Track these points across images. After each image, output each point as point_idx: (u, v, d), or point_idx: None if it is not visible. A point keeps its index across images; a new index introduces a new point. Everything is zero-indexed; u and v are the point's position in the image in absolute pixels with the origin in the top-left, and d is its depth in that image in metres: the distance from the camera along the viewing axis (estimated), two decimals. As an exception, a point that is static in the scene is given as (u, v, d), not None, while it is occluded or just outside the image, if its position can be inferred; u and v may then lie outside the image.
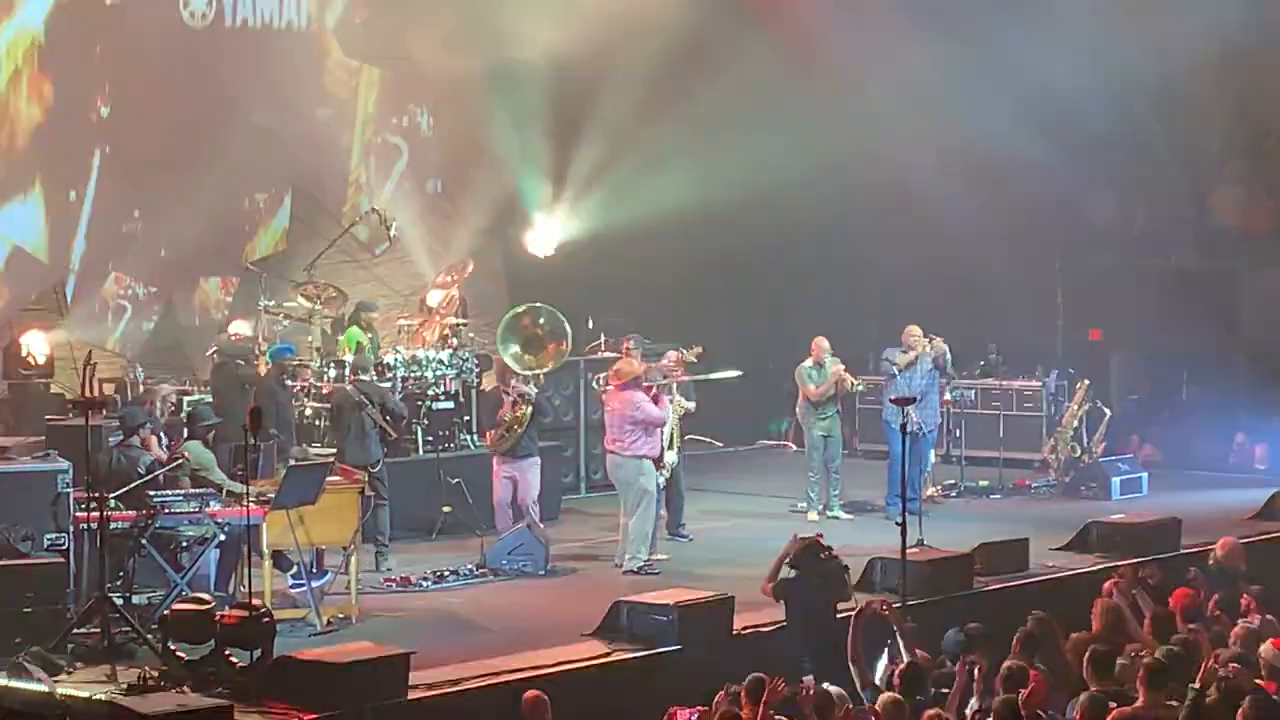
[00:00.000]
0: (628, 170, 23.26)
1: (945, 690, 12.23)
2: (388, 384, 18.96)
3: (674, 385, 18.22)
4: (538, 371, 18.59)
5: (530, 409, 18.02)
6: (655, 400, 17.60)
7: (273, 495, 14.58)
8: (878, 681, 12.87)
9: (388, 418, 17.87)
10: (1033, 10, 24.08)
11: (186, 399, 19.10)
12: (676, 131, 23.27)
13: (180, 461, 14.96)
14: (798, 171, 23.38)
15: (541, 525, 17.89)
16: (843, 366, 20.22)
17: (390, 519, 17.61)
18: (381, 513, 17.51)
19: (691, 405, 18.95)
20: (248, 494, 14.08)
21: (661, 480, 17.80)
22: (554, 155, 23.86)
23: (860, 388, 20.95)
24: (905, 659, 12.68)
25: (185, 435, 16.06)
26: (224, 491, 14.84)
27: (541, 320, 18.95)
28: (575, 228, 24.05)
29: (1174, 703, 11.52)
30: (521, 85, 23.72)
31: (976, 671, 12.15)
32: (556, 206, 24.06)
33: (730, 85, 23.42)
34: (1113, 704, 11.38)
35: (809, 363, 20.20)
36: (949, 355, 20.45)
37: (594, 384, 19.72)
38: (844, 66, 23.61)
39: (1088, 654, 12.31)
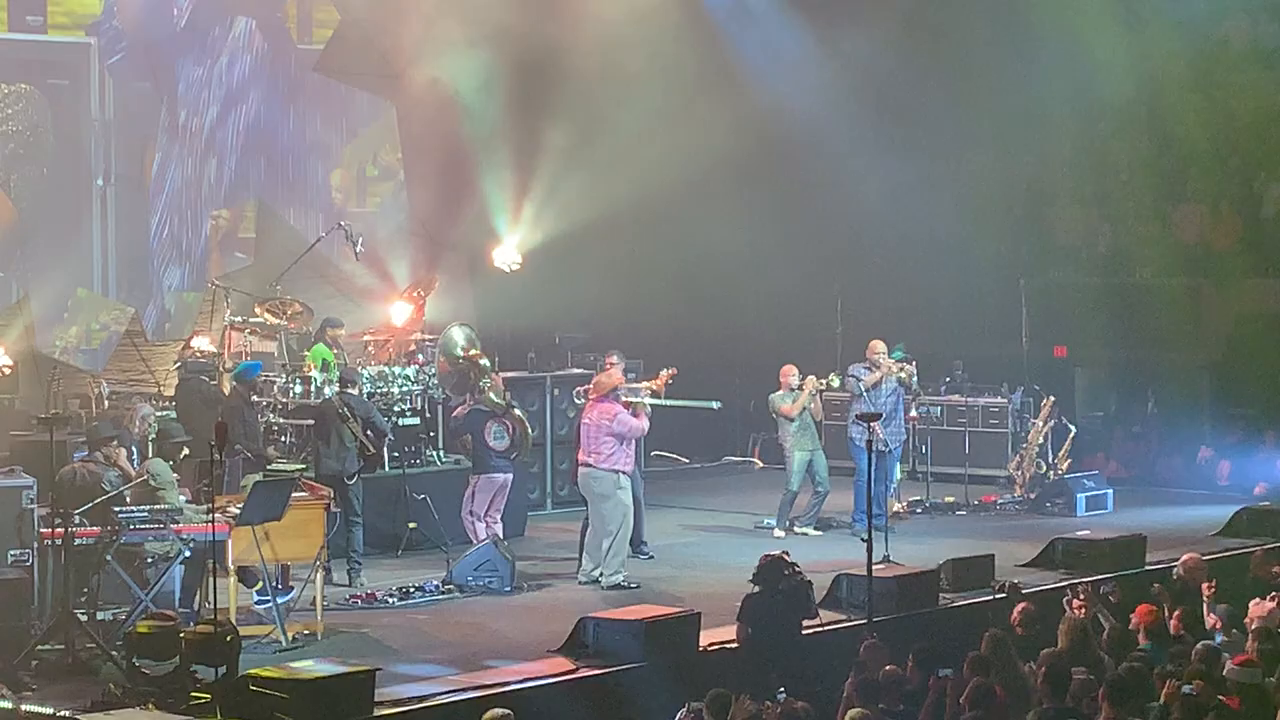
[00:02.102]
0: (587, 179, 23.26)
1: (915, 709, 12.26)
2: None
3: (647, 397, 18.18)
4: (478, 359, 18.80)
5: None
6: (634, 415, 17.62)
7: (238, 511, 14.55)
8: None
9: (369, 433, 17.91)
10: (1004, 29, 24.22)
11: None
12: (635, 138, 23.33)
13: (144, 478, 14.89)
14: (761, 184, 23.53)
15: (506, 541, 17.91)
16: (812, 378, 20.18)
17: (363, 533, 17.68)
18: (355, 530, 17.59)
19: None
20: (213, 510, 14.01)
21: None
22: (518, 170, 23.84)
23: (836, 383, 20.80)
24: None
25: (153, 452, 15.97)
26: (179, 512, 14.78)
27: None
28: (540, 242, 24.05)
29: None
30: (485, 95, 23.74)
31: (948, 687, 12.17)
32: (521, 220, 24.05)
33: (685, 86, 23.57)
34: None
35: (779, 391, 20.17)
36: (915, 375, 20.53)
37: (575, 397, 19.61)
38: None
39: (1042, 671, 12.34)
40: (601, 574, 17.29)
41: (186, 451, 16.92)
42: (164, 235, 23.34)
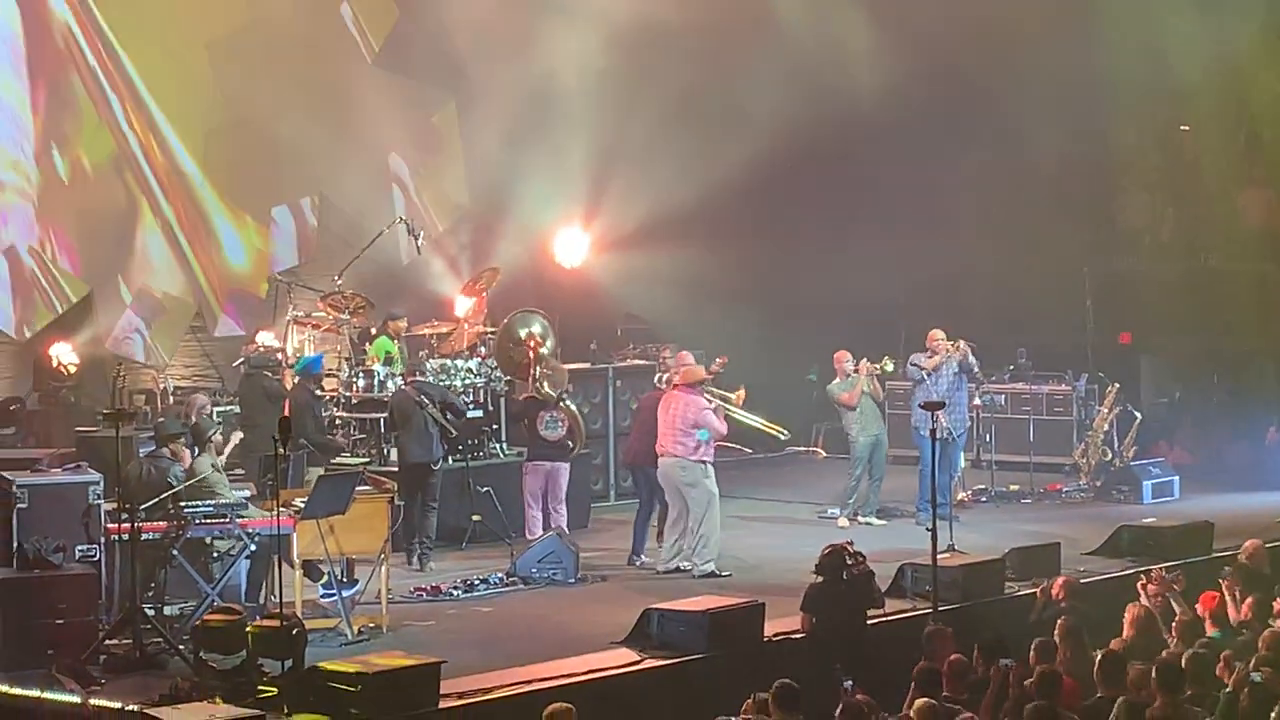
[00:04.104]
0: (656, 178, 23.26)
1: (979, 699, 12.20)
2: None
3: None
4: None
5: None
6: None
7: (303, 505, 14.60)
8: None
9: (448, 415, 18.02)
10: (1071, 9, 24.08)
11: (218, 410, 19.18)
12: (698, 135, 23.32)
13: (204, 476, 14.96)
14: (822, 173, 23.47)
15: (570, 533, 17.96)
16: (865, 361, 20.14)
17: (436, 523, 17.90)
18: (430, 516, 17.84)
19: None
20: (278, 504, 14.07)
21: None
22: (585, 164, 23.85)
23: (890, 367, 20.74)
24: None
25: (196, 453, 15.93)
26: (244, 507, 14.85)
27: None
28: (603, 237, 24.07)
29: (1198, 709, 11.50)
30: (551, 93, 23.77)
31: (1011, 676, 12.13)
32: (585, 216, 24.08)
33: (750, 83, 23.53)
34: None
35: (835, 381, 20.15)
36: (973, 357, 20.39)
37: (657, 382, 19.56)
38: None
39: (1098, 659, 12.27)
40: (694, 564, 17.30)
41: (240, 435, 17.06)
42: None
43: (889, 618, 14.96)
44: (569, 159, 23.69)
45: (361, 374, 19.31)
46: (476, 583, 16.83)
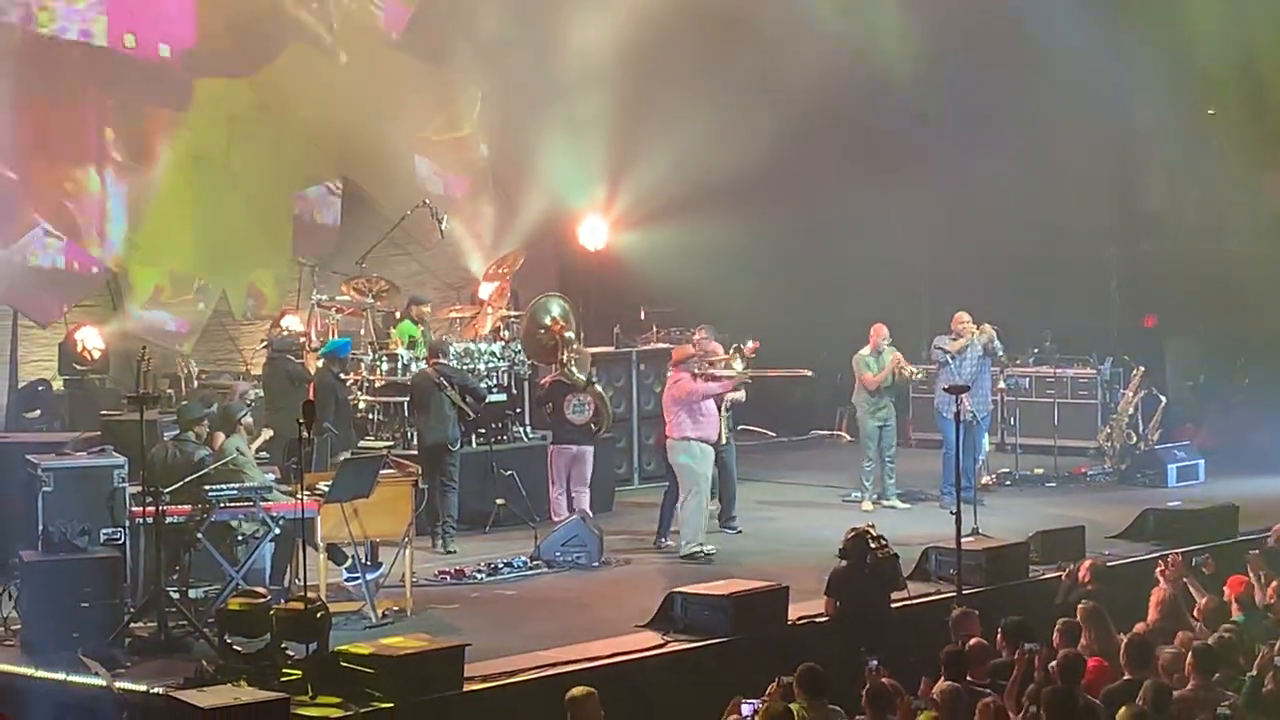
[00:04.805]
0: (678, 158, 23.22)
1: (1003, 682, 12.18)
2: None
3: (724, 368, 18.07)
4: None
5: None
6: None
7: (327, 488, 14.61)
8: None
9: (467, 399, 18.06)
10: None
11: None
12: (722, 116, 23.26)
13: (233, 457, 14.97)
14: (849, 157, 23.40)
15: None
16: (900, 355, 20.19)
17: (458, 503, 17.93)
18: (450, 496, 17.86)
19: (740, 396, 18.92)
20: (302, 487, 14.08)
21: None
22: (607, 146, 23.82)
23: (918, 376, 20.88)
24: None
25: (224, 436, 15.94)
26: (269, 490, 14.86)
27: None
28: (626, 217, 24.05)
29: (1228, 692, 11.48)
30: (575, 75, 23.73)
31: (1036, 660, 12.11)
32: (607, 198, 24.06)
33: (774, 63, 23.45)
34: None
35: (867, 350, 20.15)
36: (998, 340, 20.35)
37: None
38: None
39: (1124, 643, 12.25)
40: (678, 545, 17.39)
41: (270, 433, 17.07)
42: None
43: (914, 601, 14.95)
44: (592, 139, 23.66)
45: (385, 358, 19.34)
46: (500, 566, 16.84)
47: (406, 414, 19.11)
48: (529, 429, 20.17)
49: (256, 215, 22.96)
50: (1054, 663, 11.86)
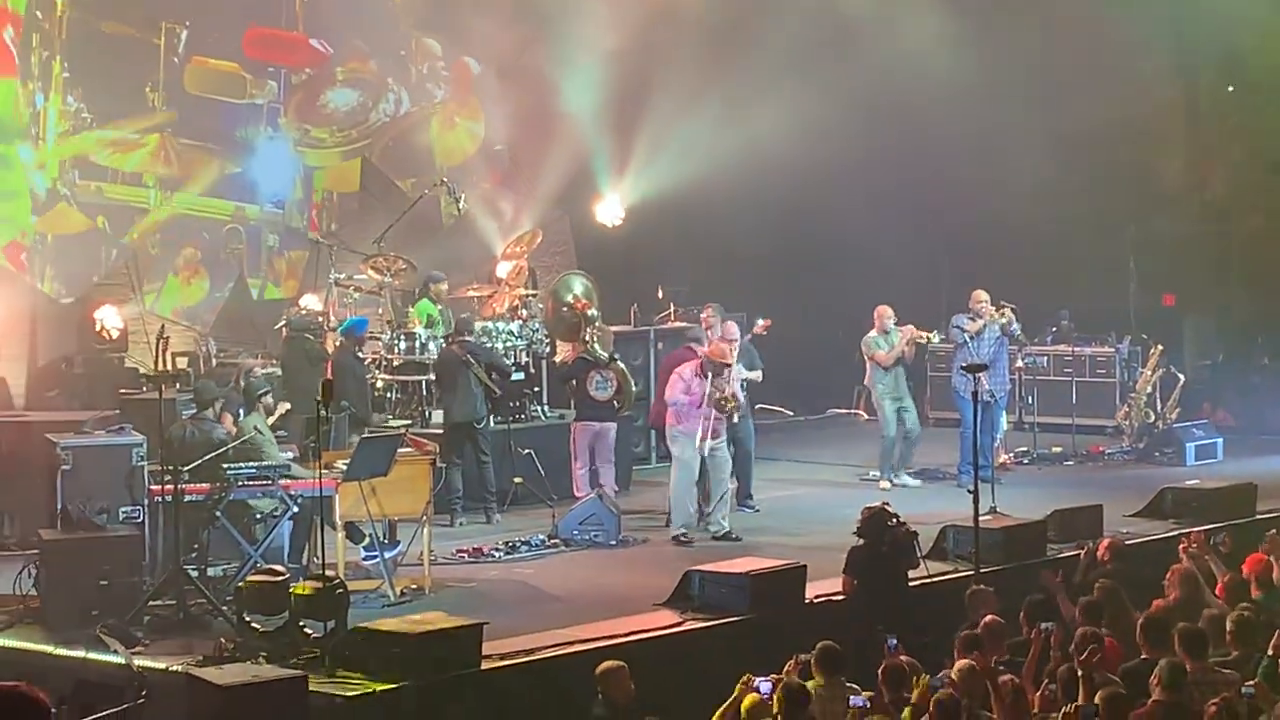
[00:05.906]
0: (694, 137, 23.20)
1: (1020, 659, 12.18)
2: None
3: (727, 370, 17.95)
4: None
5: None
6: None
7: (345, 467, 14.63)
8: None
9: (493, 375, 18.10)
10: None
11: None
12: (738, 94, 23.23)
13: (251, 436, 14.99)
14: (865, 135, 23.35)
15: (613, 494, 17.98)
16: (913, 326, 20.14)
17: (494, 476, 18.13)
18: (486, 470, 18.09)
19: (757, 375, 18.90)
20: (320, 466, 14.08)
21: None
22: (622, 124, 23.80)
23: (936, 339, 20.78)
24: None
25: (244, 412, 15.97)
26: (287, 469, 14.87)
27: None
28: (643, 196, 24.01)
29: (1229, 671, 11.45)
30: (588, 54, 23.71)
31: (1052, 639, 12.09)
32: (624, 176, 24.04)
33: (790, 43, 23.41)
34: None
35: (873, 333, 20.13)
36: (1016, 323, 20.31)
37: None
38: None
39: (1140, 621, 12.22)
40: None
41: (287, 406, 17.09)
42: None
43: (931, 579, 14.94)
44: (608, 118, 23.65)
45: (403, 336, 19.35)
46: (518, 544, 16.86)
47: (432, 391, 19.12)
48: (547, 408, 20.17)
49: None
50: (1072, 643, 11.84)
